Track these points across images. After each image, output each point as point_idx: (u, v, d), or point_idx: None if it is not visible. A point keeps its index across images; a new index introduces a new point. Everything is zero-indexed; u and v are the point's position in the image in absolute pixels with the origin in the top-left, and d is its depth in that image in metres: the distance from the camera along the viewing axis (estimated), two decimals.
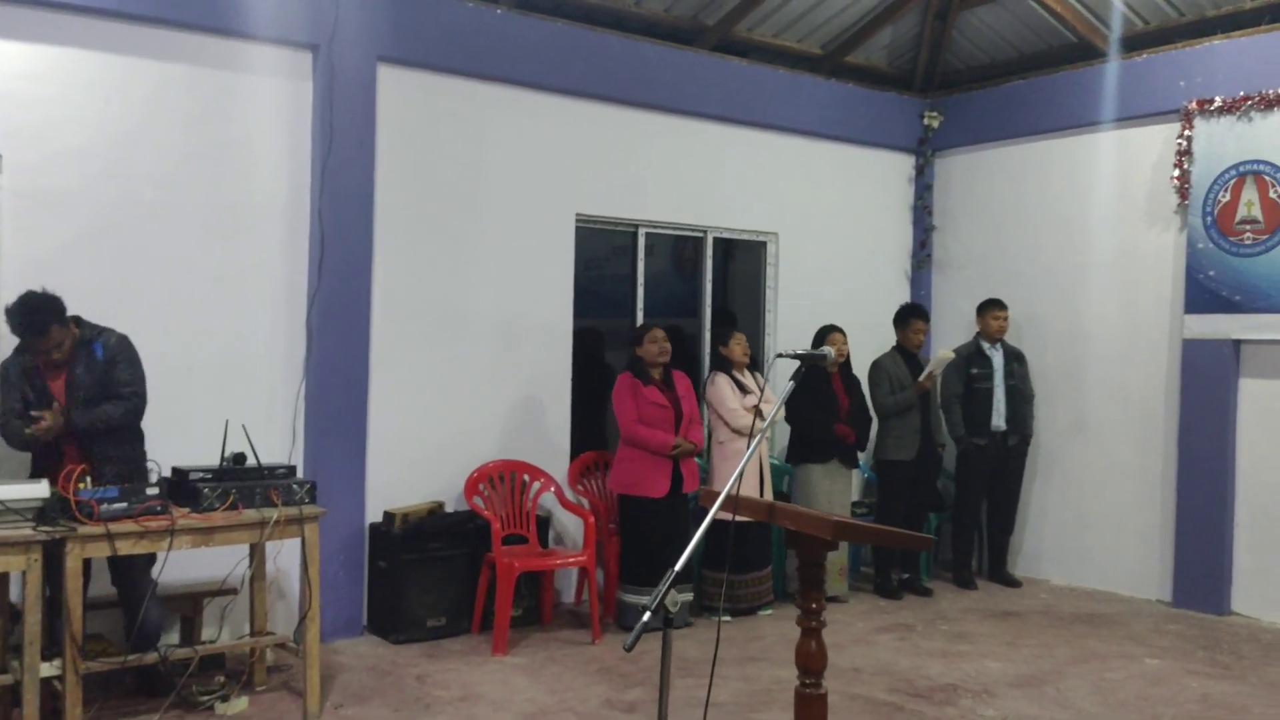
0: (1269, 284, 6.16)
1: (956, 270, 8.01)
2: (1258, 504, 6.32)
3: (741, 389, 6.29)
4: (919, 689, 5.01)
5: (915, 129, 8.10)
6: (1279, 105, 6.12)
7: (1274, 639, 5.92)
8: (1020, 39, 7.61)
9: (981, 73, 7.97)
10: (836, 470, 6.56)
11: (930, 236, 8.15)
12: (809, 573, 2.73)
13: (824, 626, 2.81)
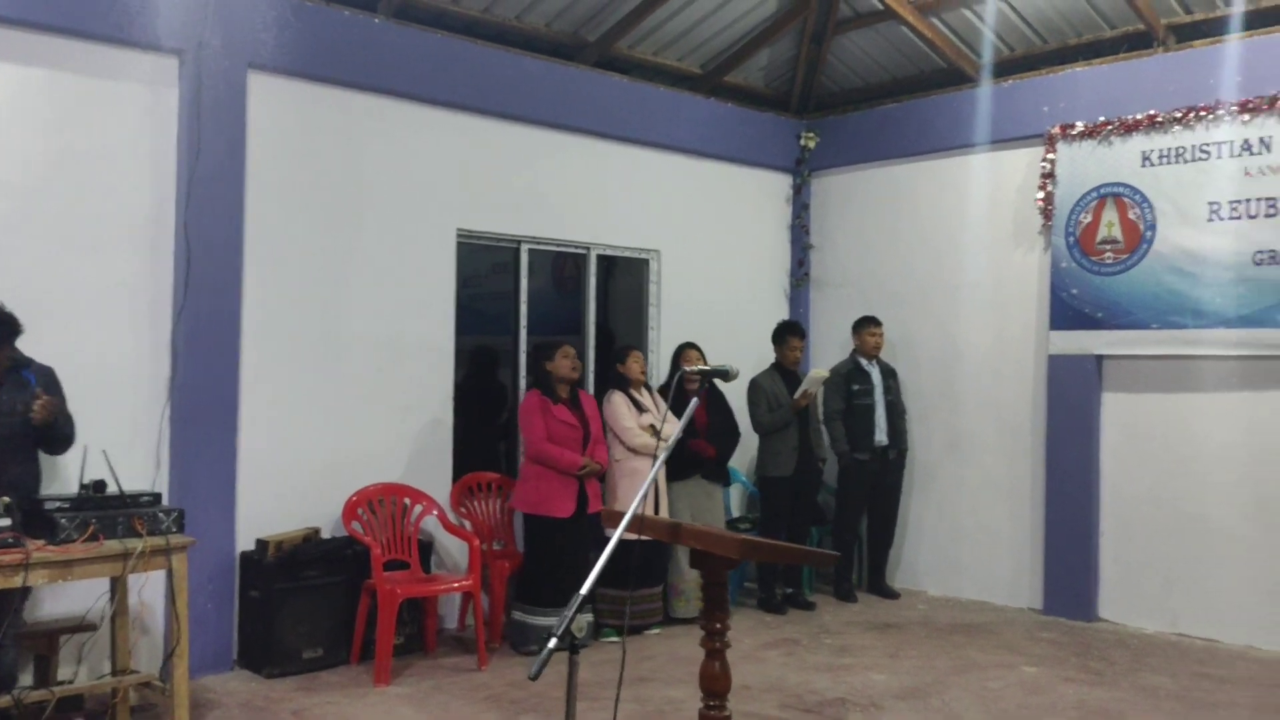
0: (1129, 301, 6.44)
1: (833, 288, 8.15)
2: (1120, 514, 6.58)
3: (638, 407, 6.25)
4: (809, 704, 5.02)
5: (792, 149, 8.23)
6: (1137, 130, 6.42)
7: (1141, 644, 6.16)
8: (893, 63, 7.81)
9: (856, 95, 8.16)
10: (701, 487, 6.55)
11: (808, 255, 8.28)
12: (713, 592, 2.68)
13: (728, 647, 2.77)
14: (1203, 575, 6.21)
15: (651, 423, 6.22)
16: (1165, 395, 6.40)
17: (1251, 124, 5.98)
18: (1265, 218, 5.92)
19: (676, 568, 6.48)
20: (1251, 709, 5.01)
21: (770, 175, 8.21)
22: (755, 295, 8.07)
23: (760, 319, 7.79)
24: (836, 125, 8.11)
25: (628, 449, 6.14)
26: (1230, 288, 6.04)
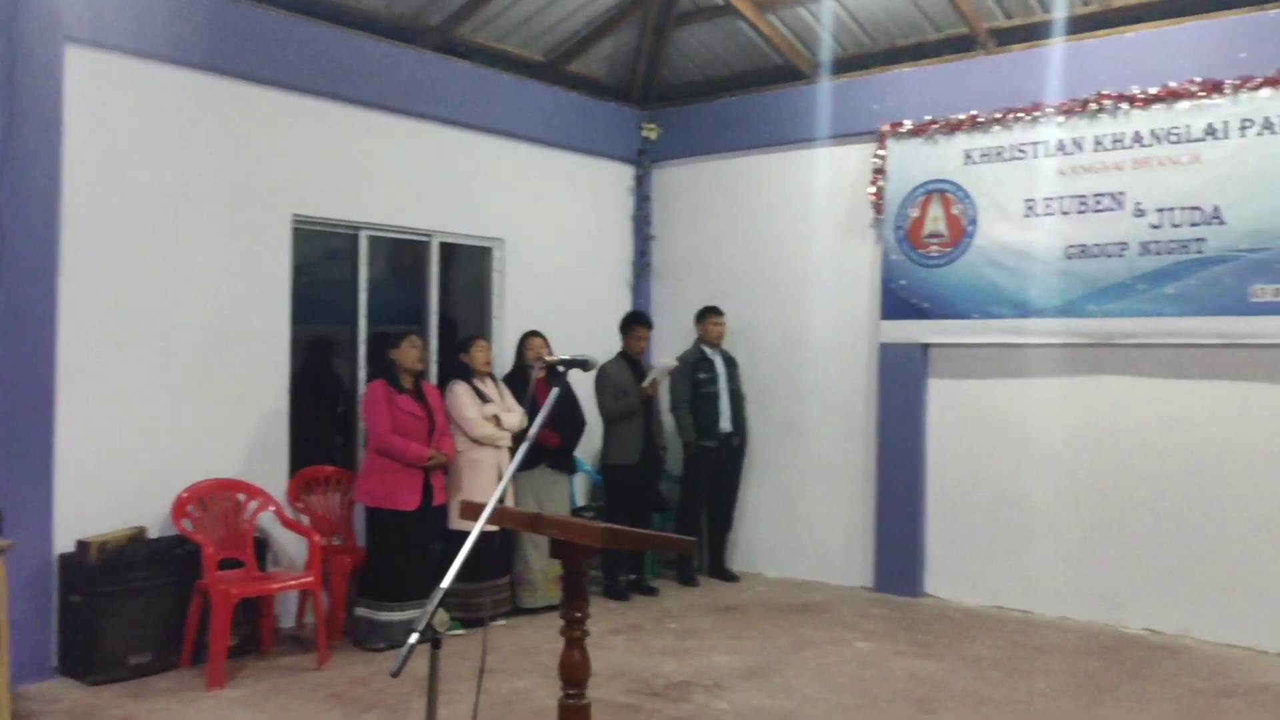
0: (953, 292, 6.77)
1: (675, 278, 8.27)
2: (945, 494, 6.93)
3: (482, 397, 6.19)
4: (655, 688, 5.10)
5: (634, 140, 8.29)
6: (960, 130, 6.75)
7: (964, 618, 6.51)
8: (731, 58, 7.96)
9: (696, 88, 8.28)
10: (547, 476, 6.58)
11: (649, 245, 8.37)
12: (573, 581, 2.69)
13: (587, 635, 2.78)
14: (1020, 551, 6.61)
15: (496, 413, 6.17)
16: (986, 382, 6.77)
17: (1065, 125, 6.37)
18: (1077, 214, 6.33)
19: (523, 559, 6.47)
20: (1064, 674, 5.37)
21: (612, 165, 8.25)
22: (598, 285, 8.11)
23: (603, 308, 7.85)
24: (677, 117, 8.22)
25: (471, 440, 6.09)
26: (1045, 280, 6.43)
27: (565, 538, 2.58)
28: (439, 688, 2.40)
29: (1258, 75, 5.73)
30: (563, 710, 2.76)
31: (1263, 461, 5.79)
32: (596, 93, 8.12)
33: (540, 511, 6.25)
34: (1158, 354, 6.13)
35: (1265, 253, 5.70)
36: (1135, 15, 6.30)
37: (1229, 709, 4.85)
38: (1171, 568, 6.06)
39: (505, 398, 6.36)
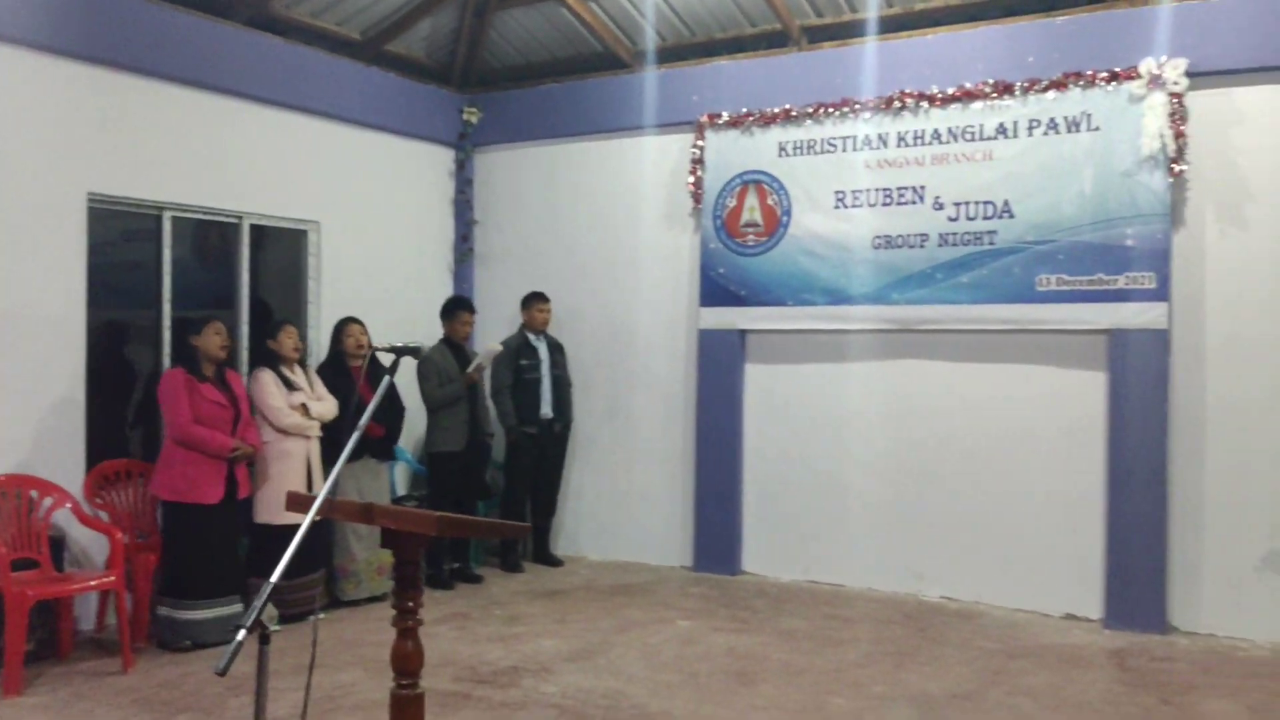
0: (768, 280, 7.01)
1: (499, 264, 8.23)
2: (761, 475, 7.18)
3: (289, 385, 5.99)
4: (482, 675, 5.09)
5: (455, 123, 8.18)
6: (774, 123, 6.98)
7: (779, 592, 6.77)
8: (553, 43, 7.96)
9: (518, 73, 8.24)
10: (368, 466, 6.46)
11: (472, 230, 8.29)
12: (406, 571, 2.66)
13: (420, 625, 2.76)
14: (831, 528, 6.92)
15: (304, 401, 5.99)
16: (800, 366, 7.05)
17: (872, 121, 6.68)
18: (883, 206, 6.65)
19: (346, 550, 6.32)
20: (871, 641, 5.68)
21: (433, 149, 8.12)
22: (419, 270, 7.98)
23: (425, 294, 7.75)
24: (499, 101, 8.16)
25: (278, 430, 5.89)
26: (854, 269, 6.74)
27: (399, 527, 2.55)
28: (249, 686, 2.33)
29: (1044, 78, 6.16)
30: (395, 700, 2.74)
31: (1047, 439, 6.26)
32: (416, 74, 7.97)
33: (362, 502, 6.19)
34: (955, 339, 6.52)
35: (1049, 245, 6.16)
36: (935, 19, 6.66)
37: (1018, 669, 5.24)
38: (966, 540, 6.48)
39: (315, 386, 6.18)
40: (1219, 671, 5.22)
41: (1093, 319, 6.06)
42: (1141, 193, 5.91)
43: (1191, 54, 5.79)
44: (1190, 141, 5.83)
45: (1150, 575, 5.89)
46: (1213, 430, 5.86)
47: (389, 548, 2.65)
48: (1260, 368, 5.74)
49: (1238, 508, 5.79)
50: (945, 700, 4.78)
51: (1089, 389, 6.15)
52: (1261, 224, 5.76)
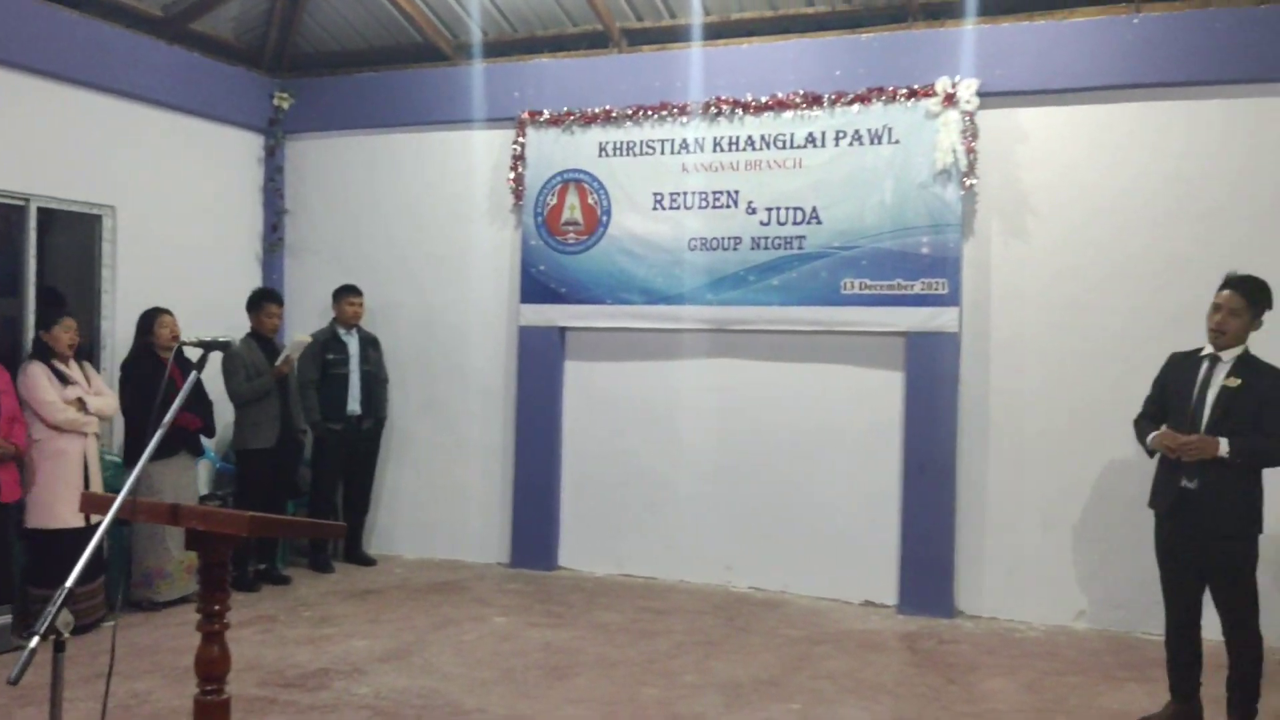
0: (588, 278, 7.09)
1: (310, 255, 7.99)
2: (578, 471, 7.26)
3: (63, 380, 5.64)
4: (290, 678, 4.96)
5: (265, 109, 7.89)
6: (595, 123, 7.06)
7: (594, 587, 6.86)
8: (370, 31, 7.79)
9: (333, 59, 8.02)
10: (183, 463, 6.20)
11: (282, 220, 8.02)
12: (213, 574, 2.58)
13: (228, 628, 2.68)
14: (645, 522, 7.06)
15: (80, 396, 5.66)
16: (619, 364, 7.15)
17: (689, 126, 6.85)
18: (699, 209, 6.83)
19: (160, 549, 6.03)
20: (683, 632, 5.84)
21: (241, 134, 7.81)
22: (226, 259, 7.66)
23: (231, 285, 7.45)
24: (314, 88, 7.92)
25: (50, 426, 5.54)
26: (671, 269, 6.89)
27: (210, 528, 2.46)
28: (38, 696, 2.22)
29: (850, 92, 6.46)
30: (199, 707, 2.65)
31: (850, 435, 6.59)
32: (223, 55, 7.63)
33: (177, 502, 5.90)
34: (766, 339, 6.77)
35: (853, 250, 6.47)
36: (750, 29, 6.88)
37: (820, 654, 5.50)
38: (773, 531, 6.74)
39: (93, 381, 5.84)
40: (999, 652, 5.62)
41: (892, 322, 6.41)
42: (936, 204, 6.28)
43: (982, 75, 6.20)
44: (980, 157, 6.24)
45: (940, 563, 6.29)
46: (995, 427, 6.30)
47: (194, 549, 2.56)
48: (1037, 369, 6.21)
49: (1016, 499, 6.25)
50: (752, 686, 4.97)
51: (888, 388, 6.50)
52: (1040, 235, 6.23)
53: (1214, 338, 4.36)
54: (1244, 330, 4.31)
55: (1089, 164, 6.12)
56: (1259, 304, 4.31)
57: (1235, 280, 4.36)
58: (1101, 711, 4.74)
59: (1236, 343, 4.33)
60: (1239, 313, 4.28)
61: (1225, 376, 4.30)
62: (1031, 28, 6.17)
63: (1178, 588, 4.45)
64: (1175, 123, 5.96)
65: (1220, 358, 4.35)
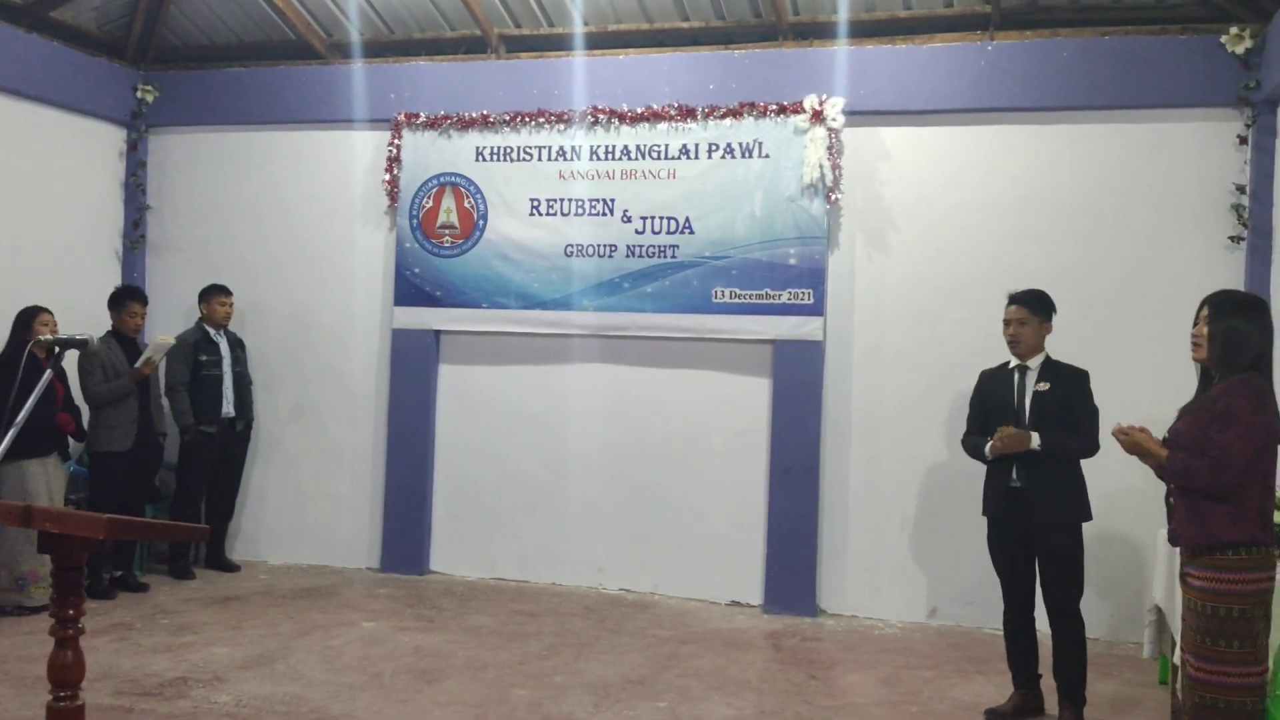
0: (464, 282, 7.09)
1: (175, 253, 7.77)
2: (452, 474, 7.24)
3: None
4: (147, 687, 4.83)
5: (128, 101, 7.66)
6: (472, 127, 7.07)
7: (466, 590, 6.86)
8: (241, 26, 7.62)
9: (201, 53, 7.82)
10: (57, 464, 6.01)
11: (145, 217, 7.78)
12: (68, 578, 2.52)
13: (82, 634, 2.63)
14: (518, 525, 7.10)
15: None
16: (493, 368, 7.17)
17: (566, 133, 6.92)
18: (575, 216, 6.91)
19: (35, 553, 5.79)
20: (554, 634, 5.89)
21: (101, 126, 7.55)
22: (84, 256, 7.41)
23: (89, 283, 7.21)
24: (180, 82, 7.72)
25: None
26: (547, 275, 6.95)
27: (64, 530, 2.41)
28: None
29: (722, 106, 6.64)
30: (53, 714, 2.58)
31: (719, 439, 6.75)
32: (85, 46, 7.37)
33: (52, 505, 5.69)
34: (639, 345, 6.88)
35: (725, 260, 6.64)
36: (627, 40, 7.00)
37: (687, 653, 5.63)
38: (643, 534, 6.86)
39: None
40: (858, 649, 5.85)
41: (760, 330, 6.60)
42: (803, 217, 6.50)
43: (848, 95, 6.46)
44: (845, 173, 6.49)
45: (803, 563, 6.50)
46: (856, 432, 6.55)
47: (48, 552, 2.50)
48: (896, 376, 6.49)
49: (875, 501, 6.51)
50: (621, 685, 5.06)
51: (756, 394, 6.69)
52: (900, 249, 6.51)
53: (1012, 348, 4.77)
54: (1036, 337, 4.72)
55: (945, 182, 6.43)
56: (1040, 312, 4.73)
57: (1016, 295, 4.79)
58: (952, 703, 4.98)
59: (1035, 350, 4.73)
60: (1026, 322, 4.70)
61: (1036, 382, 4.68)
62: (894, 51, 6.45)
63: (1013, 583, 4.75)
64: (1023, 145, 6.31)
65: (1028, 366, 4.73)
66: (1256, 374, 3.42)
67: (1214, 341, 3.47)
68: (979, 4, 6.34)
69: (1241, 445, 3.33)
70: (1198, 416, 3.48)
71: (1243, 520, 3.37)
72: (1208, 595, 3.41)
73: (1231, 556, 3.37)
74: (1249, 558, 3.37)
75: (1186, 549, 3.52)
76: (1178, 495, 3.54)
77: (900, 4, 6.48)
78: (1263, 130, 5.86)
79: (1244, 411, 3.34)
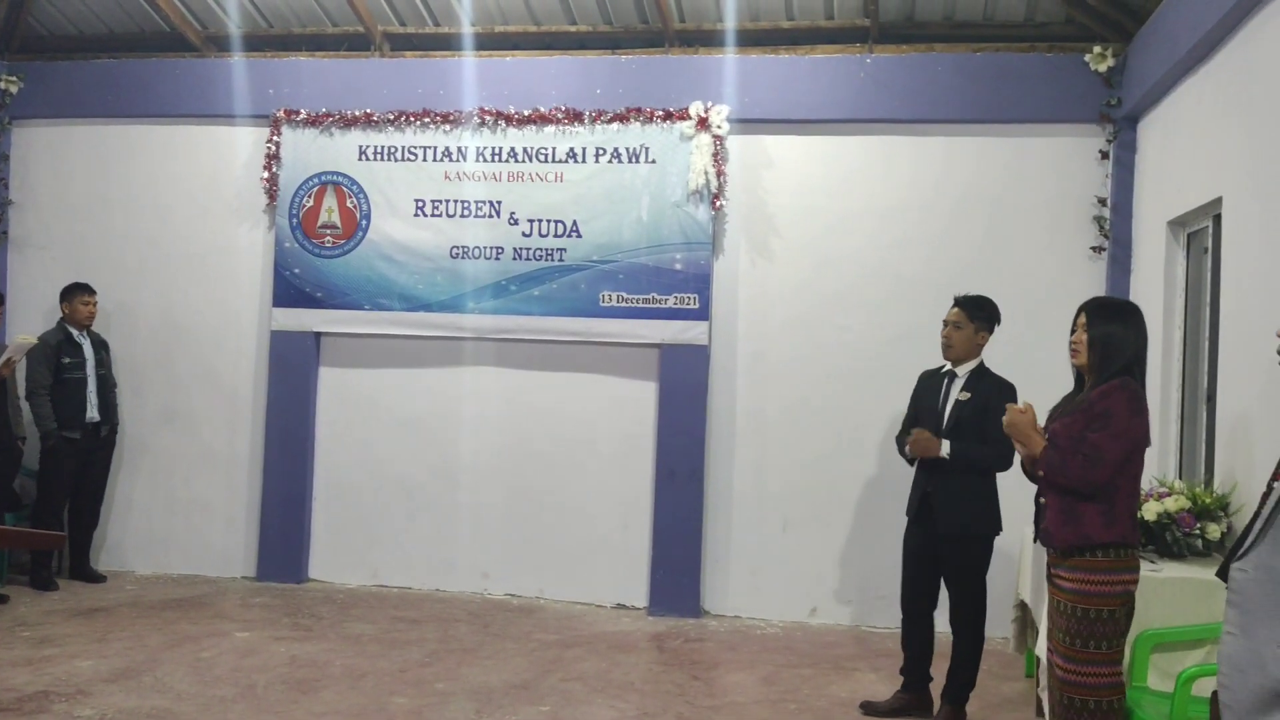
0: (345, 283, 6.94)
1: (38, 250, 7.42)
2: (332, 479, 7.08)
3: None
4: (5, 702, 4.59)
5: None
6: (355, 126, 6.94)
7: (346, 598, 6.71)
8: (111, 16, 7.33)
9: (69, 43, 7.49)
10: None
11: (6, 212, 7.41)
12: None
13: None
14: (401, 531, 6.98)
15: None
16: (376, 370, 7.04)
17: (452, 134, 6.85)
18: (460, 217, 6.84)
19: None
20: (436, 641, 5.81)
21: None
22: None
23: None
24: (45, 72, 7.38)
25: None
26: (432, 277, 6.85)
27: None
28: None
29: (609, 111, 6.66)
30: None
31: (605, 443, 6.76)
32: None
33: None
34: (526, 349, 6.85)
35: (611, 264, 6.66)
36: (514, 43, 6.97)
37: (571, 657, 5.61)
38: (530, 538, 6.82)
39: None
40: (741, 648, 5.92)
41: (647, 334, 6.63)
42: (689, 223, 6.57)
43: (733, 102, 6.54)
44: (729, 180, 6.58)
45: (688, 565, 6.55)
46: (740, 434, 6.64)
47: None
48: (779, 380, 6.60)
49: (759, 503, 6.60)
50: (503, 691, 5.01)
51: (643, 397, 6.72)
52: (783, 255, 6.62)
53: (945, 352, 4.82)
54: (969, 344, 4.75)
55: (826, 190, 6.58)
56: (979, 319, 4.76)
57: (959, 298, 4.83)
58: (830, 699, 5.08)
59: (968, 357, 4.77)
60: (961, 326, 4.73)
61: (960, 390, 4.73)
62: (777, 60, 6.57)
63: (916, 584, 4.83)
64: (901, 156, 6.50)
65: (956, 373, 4.80)
66: (1131, 379, 3.50)
67: (1092, 347, 3.54)
68: (858, 17, 6.51)
69: (1115, 445, 3.41)
70: (1074, 418, 3.53)
71: (1115, 522, 3.44)
72: (1077, 597, 3.43)
73: (1101, 558, 3.41)
74: (1118, 559, 3.43)
75: (1058, 550, 3.54)
76: (1050, 496, 3.58)
77: (783, 15, 6.61)
78: (1123, 146, 6.16)
79: (1120, 413, 3.42)
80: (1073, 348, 3.63)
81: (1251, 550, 2.09)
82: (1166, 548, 4.33)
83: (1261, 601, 2.04)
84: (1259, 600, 2.04)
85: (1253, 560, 2.08)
